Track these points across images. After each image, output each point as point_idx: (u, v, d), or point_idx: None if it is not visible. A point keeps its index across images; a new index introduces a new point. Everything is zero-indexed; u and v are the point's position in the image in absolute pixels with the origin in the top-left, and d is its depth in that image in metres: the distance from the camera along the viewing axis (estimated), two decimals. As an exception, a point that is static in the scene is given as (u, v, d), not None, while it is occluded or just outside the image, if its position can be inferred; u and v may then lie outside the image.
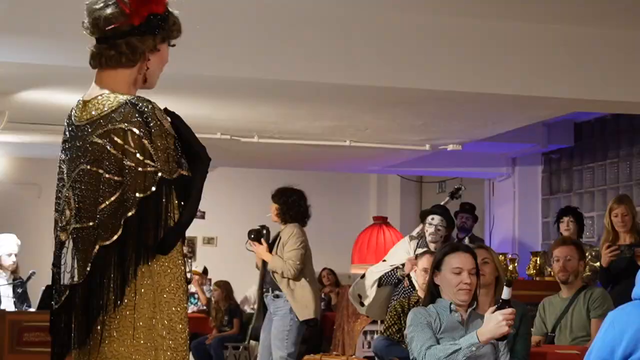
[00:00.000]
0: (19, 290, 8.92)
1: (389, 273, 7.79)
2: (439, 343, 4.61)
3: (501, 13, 6.79)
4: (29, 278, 8.99)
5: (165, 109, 3.18)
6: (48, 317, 8.32)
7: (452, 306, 4.76)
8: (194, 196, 3.15)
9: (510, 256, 9.53)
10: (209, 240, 14.41)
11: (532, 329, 6.19)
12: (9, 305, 8.79)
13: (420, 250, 7.67)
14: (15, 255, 9.02)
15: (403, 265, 7.67)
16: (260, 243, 8.05)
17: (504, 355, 4.76)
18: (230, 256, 14.14)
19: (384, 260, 8.05)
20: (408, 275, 7.57)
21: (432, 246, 7.71)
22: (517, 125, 9.15)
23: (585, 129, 10.85)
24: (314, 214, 8.90)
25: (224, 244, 14.34)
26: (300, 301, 7.80)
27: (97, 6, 3.13)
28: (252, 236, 8.10)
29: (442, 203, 8.42)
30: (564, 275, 6.42)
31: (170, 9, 3.22)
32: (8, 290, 8.92)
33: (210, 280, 13.31)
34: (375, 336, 7.60)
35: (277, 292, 7.90)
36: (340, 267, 13.01)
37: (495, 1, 6.57)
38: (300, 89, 7.30)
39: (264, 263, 8.10)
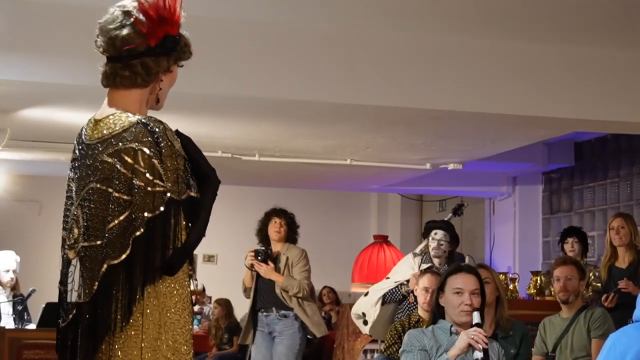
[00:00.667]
0: (19, 308, 8.91)
1: (393, 290, 7.68)
2: None
3: (502, 33, 6.81)
4: (29, 295, 8.98)
5: (177, 130, 3.19)
6: (48, 334, 8.35)
7: (453, 328, 4.76)
8: (202, 218, 3.17)
9: (510, 275, 9.53)
10: (209, 258, 14.40)
11: (532, 349, 6.19)
12: (8, 323, 8.78)
13: (425, 266, 7.65)
14: (14, 271, 9.01)
15: (407, 281, 7.64)
16: (267, 264, 8.05)
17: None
18: (230, 274, 14.12)
19: (388, 278, 7.98)
20: (413, 291, 7.56)
21: (435, 261, 7.67)
22: (517, 144, 9.16)
23: (586, 149, 10.86)
24: (314, 232, 8.94)
25: (224, 262, 14.33)
26: (313, 318, 8.01)
27: (113, 26, 3.14)
28: (260, 257, 8.07)
29: (445, 219, 8.41)
30: (564, 295, 6.42)
31: (181, 31, 3.24)
32: (8, 308, 8.91)
33: (210, 298, 13.29)
34: (376, 355, 7.59)
35: (283, 312, 8.00)
36: (340, 286, 13.00)
37: (497, 21, 6.59)
38: (301, 108, 7.31)
39: (259, 283, 8.15)
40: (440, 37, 6.87)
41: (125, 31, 3.12)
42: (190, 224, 3.13)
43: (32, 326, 8.83)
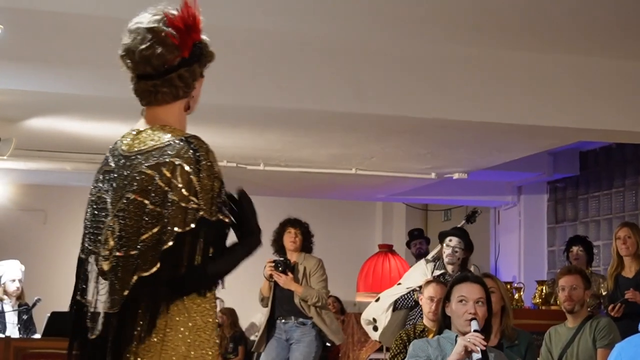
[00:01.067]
0: (24, 317, 8.92)
1: (405, 296, 7.70)
2: None
3: (508, 43, 6.82)
4: (34, 304, 8.99)
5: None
6: (53, 344, 8.35)
7: (458, 338, 4.76)
8: (230, 258, 3.16)
9: (515, 285, 9.52)
10: (214, 268, 14.39)
11: (538, 359, 6.18)
12: (14, 332, 8.79)
13: (437, 272, 7.67)
14: (20, 281, 9.02)
15: (420, 287, 7.63)
16: (286, 274, 8.23)
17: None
18: (235, 283, 14.10)
19: (399, 284, 7.98)
20: None
21: (449, 268, 7.68)
22: (522, 154, 9.16)
23: (591, 158, 10.86)
24: (319, 241, 8.94)
25: (229, 272, 14.32)
26: (331, 327, 8.22)
27: (144, 46, 3.11)
28: (280, 268, 8.26)
29: (459, 225, 8.41)
30: (569, 305, 6.41)
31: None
32: (13, 317, 8.92)
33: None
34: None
35: (302, 320, 8.20)
36: (345, 295, 12.98)
37: (502, 31, 6.60)
38: (306, 117, 7.32)
39: (277, 292, 8.36)
40: (446, 47, 6.88)
41: (160, 49, 3.11)
42: (213, 248, 3.11)
43: (37, 336, 8.84)
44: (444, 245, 7.78)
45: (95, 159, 9.10)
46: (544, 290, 8.94)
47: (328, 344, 8.58)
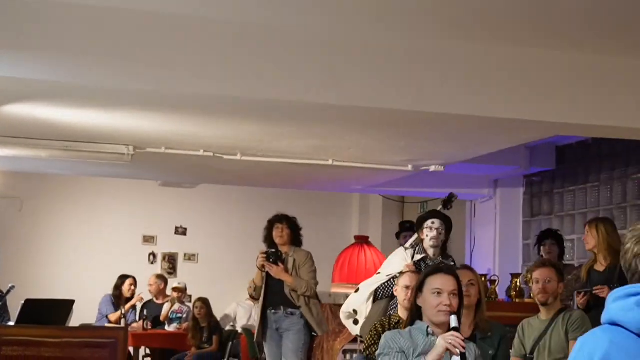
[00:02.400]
0: (-2, 304, 8.90)
1: (386, 284, 7.63)
2: None
3: (486, 36, 6.82)
4: (8, 292, 8.96)
5: None
6: (27, 331, 8.30)
7: (430, 329, 4.77)
8: None
9: (490, 277, 9.56)
10: (190, 257, 14.39)
11: (511, 351, 6.21)
12: (-13, 320, 8.76)
13: (418, 257, 7.64)
14: (-5, 269, 8.98)
15: (400, 274, 7.63)
16: (278, 265, 8.56)
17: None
18: (211, 273, 14.13)
19: (379, 273, 7.90)
20: None
21: (431, 252, 7.64)
22: (499, 147, 9.18)
23: (567, 153, 10.91)
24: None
25: (204, 261, 14.33)
26: (317, 318, 8.60)
27: None
28: (272, 259, 8.60)
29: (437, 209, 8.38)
30: (543, 297, 6.45)
31: None
32: (-13, 305, 8.89)
33: (190, 297, 13.28)
34: (355, 355, 7.59)
35: (290, 310, 8.57)
36: (320, 286, 12.94)
37: (480, 25, 6.60)
38: (284, 108, 7.31)
39: (268, 283, 8.65)
40: (423, 40, 6.88)
41: None
42: None
43: (10, 323, 8.82)
44: (425, 228, 7.71)
45: (70, 147, 9.08)
46: (518, 283, 8.98)
47: (314, 334, 8.79)
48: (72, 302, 8.90)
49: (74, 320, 9.16)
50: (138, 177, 12.50)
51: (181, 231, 14.37)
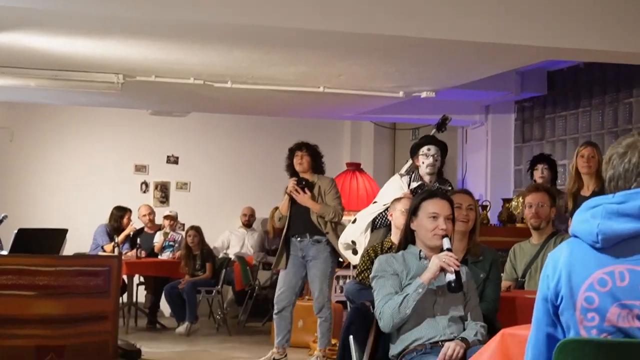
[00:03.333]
0: (-9, 234, 8.91)
1: (383, 213, 7.63)
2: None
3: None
4: (1, 221, 8.97)
5: None
6: (20, 260, 8.30)
7: (422, 253, 4.81)
8: None
9: (482, 203, 9.60)
10: (182, 186, 14.41)
11: (502, 275, 6.25)
12: (-19, 249, 8.79)
13: (415, 184, 7.64)
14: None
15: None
16: (305, 192, 8.57)
17: (471, 300, 4.81)
18: (203, 201, 14.16)
19: (375, 202, 7.89)
20: None
21: (427, 178, 7.65)
22: (490, 72, 9.16)
23: (558, 78, 10.89)
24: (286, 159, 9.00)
25: (197, 189, 14.36)
26: None
27: None
28: (302, 184, 8.63)
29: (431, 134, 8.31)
30: (536, 222, 6.48)
31: None
32: (-20, 234, 8.91)
33: (183, 225, 13.32)
34: (348, 281, 7.63)
35: (317, 237, 8.59)
36: (313, 213, 13.08)
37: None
38: (274, 35, 7.27)
39: (293, 210, 8.68)
40: (415, -36, 6.83)
41: None
42: None
43: (3, 252, 8.84)
44: (421, 155, 7.69)
45: (60, 76, 9.04)
46: (509, 208, 9.02)
47: (341, 260, 8.91)
48: (65, 231, 8.92)
49: (67, 250, 9.18)
50: (128, 106, 12.46)
51: (173, 160, 14.36)
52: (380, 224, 7.70)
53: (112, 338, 8.95)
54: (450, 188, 7.60)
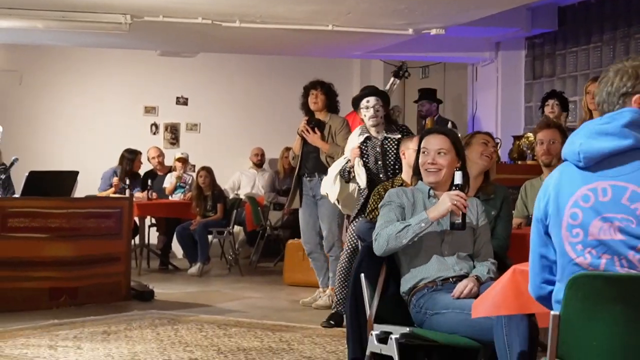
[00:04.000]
0: (2, 177, 8.93)
1: (344, 167, 7.63)
2: None
3: None
4: (12, 164, 8.99)
5: None
6: (32, 202, 8.36)
7: (431, 192, 4.80)
8: None
9: (492, 140, 9.56)
10: (192, 127, 14.39)
11: (513, 212, 6.25)
12: (-7, 193, 8.81)
13: (362, 137, 7.55)
14: (-1, 144, 8.98)
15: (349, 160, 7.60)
16: (315, 132, 8.50)
17: (482, 236, 4.81)
18: (213, 142, 14.16)
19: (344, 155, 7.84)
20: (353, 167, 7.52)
21: (373, 130, 7.53)
22: (500, 8, 9.08)
23: (569, 13, 10.79)
24: (296, 99, 8.96)
25: (207, 131, 14.34)
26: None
27: None
28: (312, 124, 8.55)
29: (388, 85, 8.16)
30: (547, 158, 6.44)
31: None
32: (-9, 178, 8.92)
33: (194, 166, 13.34)
34: (360, 219, 7.62)
35: (325, 177, 8.47)
36: (323, 153, 13.06)
37: None
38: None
39: (304, 150, 8.66)
40: None
41: None
42: None
43: (15, 195, 8.87)
44: (362, 109, 7.56)
45: (66, 17, 8.99)
46: (520, 146, 8.98)
47: None
48: (76, 173, 8.93)
49: (78, 192, 9.20)
50: (136, 47, 12.41)
51: (182, 101, 14.33)
52: (346, 177, 7.64)
53: (124, 279, 9.02)
54: (399, 136, 7.45)
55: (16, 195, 8.80)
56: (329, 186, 7.82)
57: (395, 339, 4.24)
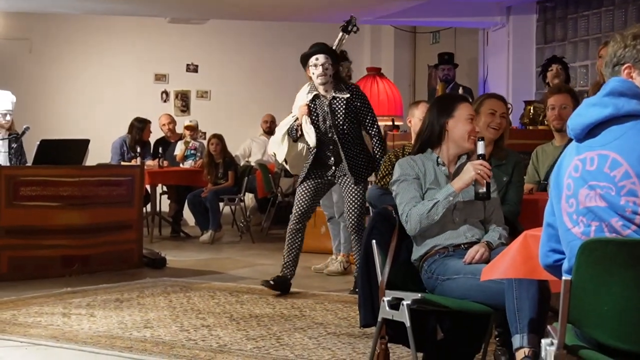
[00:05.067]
0: (14, 146, 8.94)
1: (292, 125, 7.49)
2: (423, 197, 4.64)
3: None
4: (23, 133, 8.99)
5: None
6: (44, 171, 8.40)
7: (439, 160, 4.78)
8: None
9: (503, 106, 9.52)
10: (203, 94, 14.38)
11: (525, 177, 6.23)
12: (4, 161, 8.82)
13: (310, 95, 7.37)
14: (10, 113, 8.97)
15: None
16: None
17: (493, 202, 4.79)
18: (224, 110, 14.15)
19: (292, 114, 7.65)
20: (301, 125, 7.39)
21: (321, 89, 7.32)
22: (511, -28, 9.03)
23: (581, -24, 10.73)
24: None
25: (217, 98, 14.33)
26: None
27: None
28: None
29: (336, 41, 7.88)
30: (558, 124, 6.42)
31: None
32: (3, 146, 8.94)
33: (205, 134, 13.33)
34: (370, 186, 7.61)
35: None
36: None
37: None
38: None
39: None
40: None
41: None
42: None
43: (27, 164, 8.88)
44: (310, 66, 7.31)
45: (76, -16, 8.96)
46: (531, 111, 8.95)
47: None
48: (87, 141, 8.94)
49: (89, 160, 9.22)
50: (146, 14, 12.37)
51: (192, 68, 14.31)
52: (294, 137, 7.49)
53: (136, 247, 9.04)
54: (348, 95, 7.32)
55: (28, 164, 8.81)
56: (277, 145, 7.65)
57: (407, 304, 4.24)
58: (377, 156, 7.43)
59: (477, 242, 4.60)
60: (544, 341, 3.13)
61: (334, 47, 7.60)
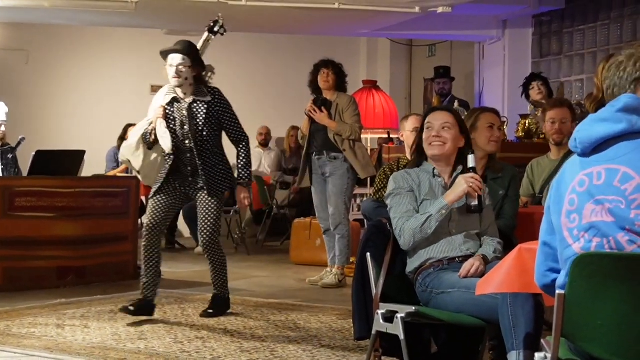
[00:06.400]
0: (9, 157, 8.93)
1: (146, 129, 6.91)
2: (418, 210, 4.65)
3: None
4: (18, 144, 8.99)
5: None
6: (39, 182, 8.35)
7: (436, 171, 4.79)
8: None
9: (499, 119, 9.53)
10: (199, 106, 14.37)
11: (520, 191, 6.23)
12: (-1, 172, 8.82)
13: (168, 98, 6.82)
14: (3, 123, 8.97)
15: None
16: (322, 111, 8.61)
17: (487, 216, 4.80)
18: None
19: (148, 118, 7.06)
20: (154, 130, 6.81)
21: (179, 91, 6.77)
22: (507, -14, 9.05)
23: (577, -9, 10.75)
24: (303, 77, 8.97)
25: (213, 109, 14.32)
26: (362, 161, 8.63)
27: None
28: (319, 103, 8.65)
29: (201, 41, 7.56)
30: (558, 137, 6.43)
31: None
32: (-2, 158, 8.93)
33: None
34: (364, 199, 7.62)
35: (333, 154, 8.65)
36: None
37: None
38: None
39: (312, 129, 8.73)
40: None
41: None
42: None
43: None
44: (167, 66, 6.76)
45: (73, -5, 8.97)
46: (527, 124, 8.97)
47: (359, 177, 8.89)
48: (83, 152, 8.93)
49: (85, 171, 9.21)
50: (143, 26, 12.38)
51: (189, 80, 14.31)
52: (147, 139, 6.87)
53: (132, 258, 9.03)
54: (209, 99, 6.91)
55: (23, 175, 8.80)
56: (130, 152, 7.00)
57: (401, 317, 4.24)
58: (240, 165, 7.14)
59: (471, 255, 4.60)
60: (537, 355, 3.13)
61: (198, 47, 7.19)
